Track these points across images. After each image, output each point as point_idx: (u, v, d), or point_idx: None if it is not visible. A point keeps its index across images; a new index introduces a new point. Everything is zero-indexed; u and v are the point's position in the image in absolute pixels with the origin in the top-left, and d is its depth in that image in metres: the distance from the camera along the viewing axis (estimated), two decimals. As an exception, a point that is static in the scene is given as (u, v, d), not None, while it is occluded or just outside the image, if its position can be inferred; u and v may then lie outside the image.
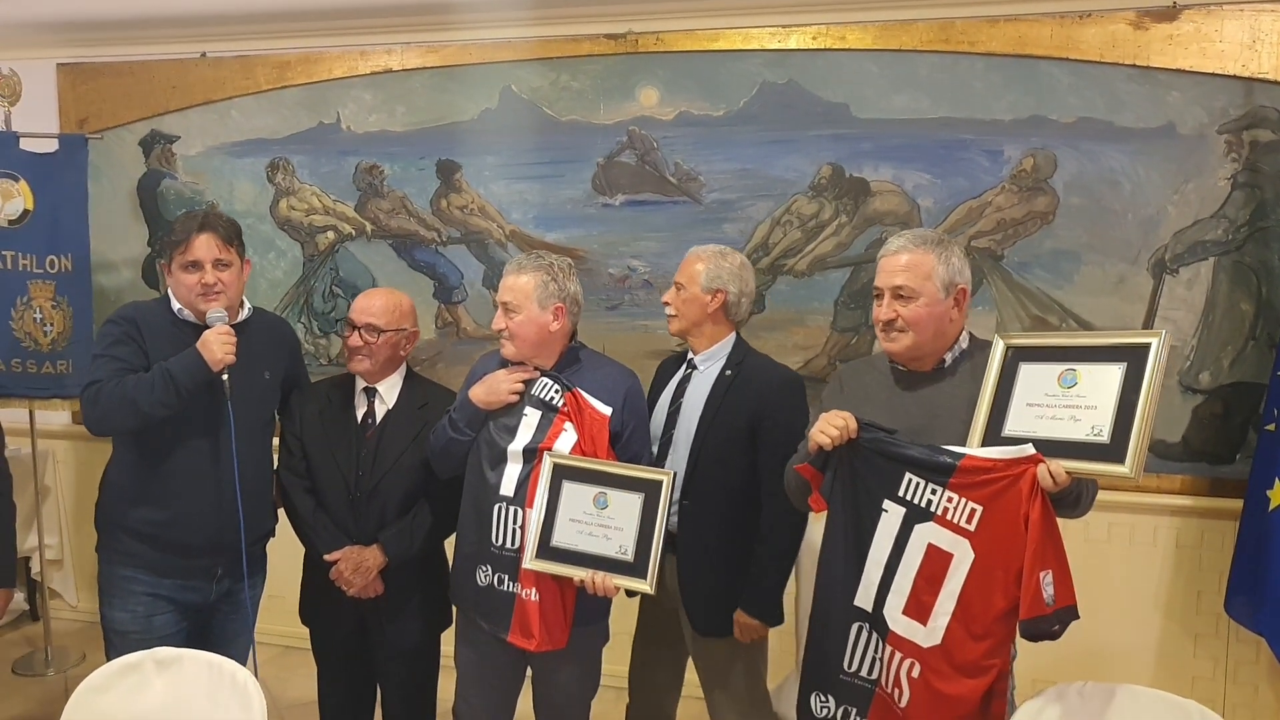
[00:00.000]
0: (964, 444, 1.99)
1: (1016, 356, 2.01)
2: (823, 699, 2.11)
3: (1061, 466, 1.84)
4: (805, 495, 2.13)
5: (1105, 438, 1.84)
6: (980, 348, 2.14)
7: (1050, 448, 1.88)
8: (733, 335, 2.62)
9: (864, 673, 2.05)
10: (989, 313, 3.43)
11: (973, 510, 1.91)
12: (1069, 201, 3.37)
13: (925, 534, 1.96)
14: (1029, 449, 1.88)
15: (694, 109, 3.66)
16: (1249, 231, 3.25)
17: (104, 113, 4.26)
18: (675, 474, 2.29)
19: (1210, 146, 3.24)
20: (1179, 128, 3.26)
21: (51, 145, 3.99)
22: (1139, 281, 3.35)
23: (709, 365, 2.60)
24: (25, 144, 3.92)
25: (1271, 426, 3.10)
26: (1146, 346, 1.85)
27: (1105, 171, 3.33)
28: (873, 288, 2.18)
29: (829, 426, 2.03)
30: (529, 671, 2.57)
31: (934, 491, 1.95)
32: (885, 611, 2.00)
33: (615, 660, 3.13)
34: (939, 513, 1.95)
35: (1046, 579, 1.83)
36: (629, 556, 2.26)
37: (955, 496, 1.93)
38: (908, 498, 1.99)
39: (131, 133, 4.25)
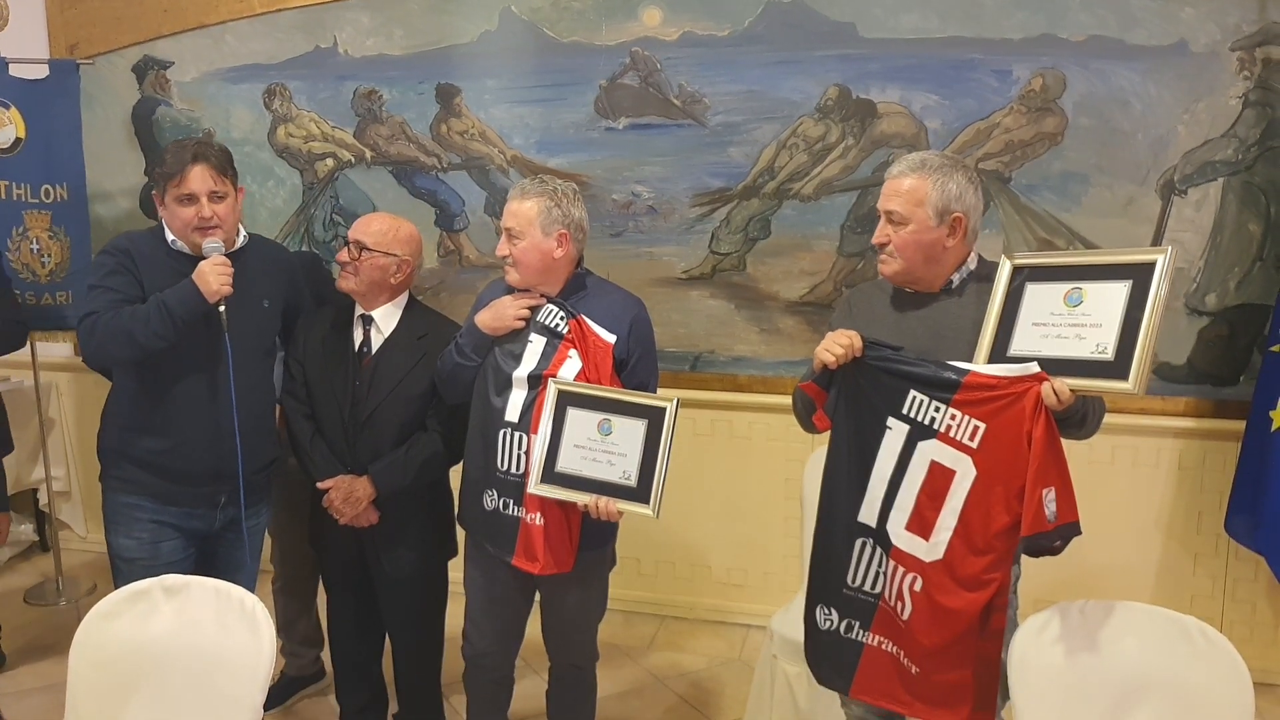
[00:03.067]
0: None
1: (1023, 276, 2.00)
2: (827, 612, 2.15)
3: (1065, 384, 1.85)
4: (810, 413, 2.14)
5: (1109, 355, 1.84)
6: (989, 269, 2.12)
7: (1055, 366, 1.88)
8: None
9: (867, 587, 2.09)
10: (995, 235, 3.40)
11: (975, 428, 1.92)
12: (1078, 122, 3.32)
13: (928, 451, 1.98)
14: (1033, 367, 1.88)
15: (698, 29, 3.58)
16: (1259, 151, 3.21)
17: (94, 37, 4.18)
18: (678, 400, 2.29)
19: (1222, 64, 3.19)
20: (1191, 45, 3.19)
21: (42, 71, 3.92)
22: (1147, 203, 3.32)
23: None
24: (14, 70, 3.85)
25: (1277, 348, 3.11)
26: (1152, 264, 1.84)
27: (1115, 91, 3.28)
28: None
29: (834, 345, 2.03)
30: (537, 596, 2.60)
31: (937, 409, 1.96)
32: (888, 527, 2.03)
33: (622, 585, 3.19)
34: (942, 430, 1.96)
35: (1049, 496, 1.84)
36: (632, 482, 2.27)
37: (958, 414, 1.94)
38: (911, 415, 2.00)
39: (124, 58, 4.18)
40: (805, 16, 3.47)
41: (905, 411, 2.01)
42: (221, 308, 2.41)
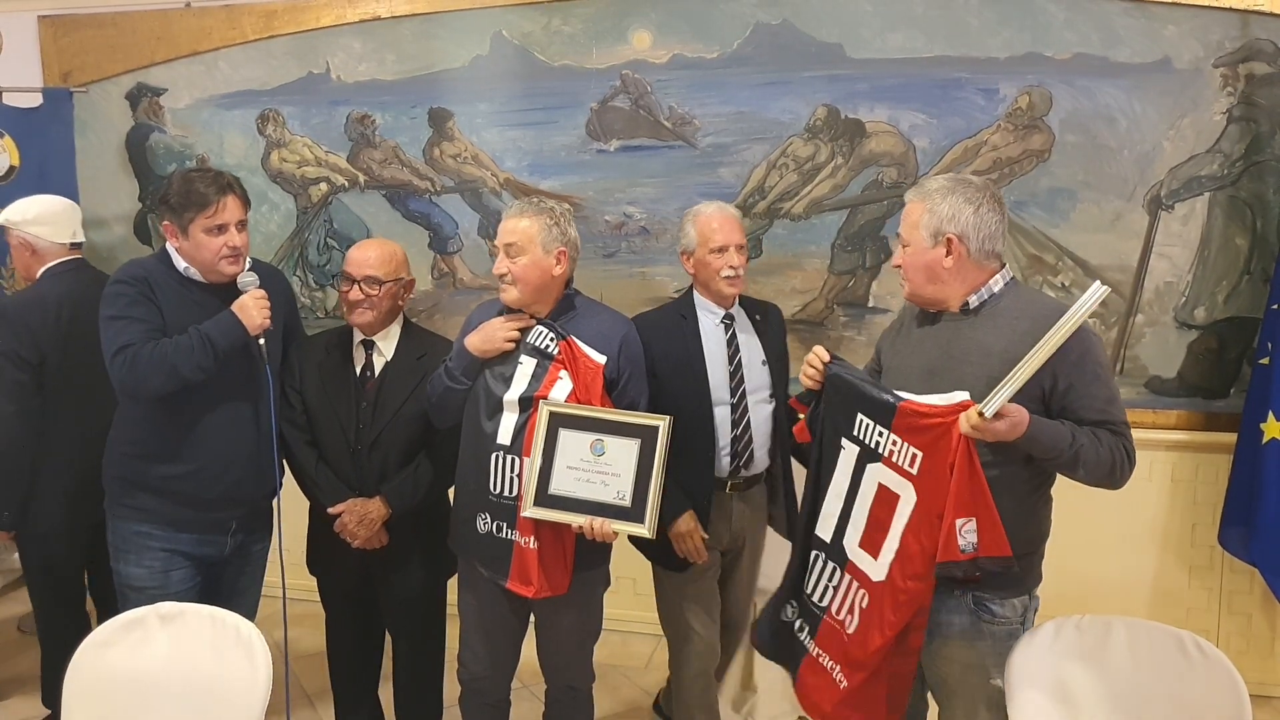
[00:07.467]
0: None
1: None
2: (793, 605, 2.26)
3: (973, 414, 1.84)
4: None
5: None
6: (1013, 292, 2.09)
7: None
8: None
9: (817, 598, 2.16)
10: (985, 253, 3.42)
11: (914, 455, 1.95)
12: (1065, 139, 3.35)
13: (876, 474, 2.03)
14: (961, 395, 1.89)
15: (687, 51, 3.61)
16: (1244, 166, 3.24)
17: (88, 66, 4.20)
18: (670, 419, 2.30)
19: (1206, 80, 3.22)
20: (1175, 62, 3.23)
21: (36, 100, 3.95)
22: (1135, 218, 3.35)
23: (739, 316, 2.82)
24: (8, 99, 3.89)
25: (1265, 360, 3.13)
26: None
27: (1101, 108, 3.31)
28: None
29: (807, 366, 2.18)
30: (532, 618, 2.60)
31: (880, 434, 2.01)
32: (844, 543, 2.09)
33: (617, 605, 3.18)
34: (886, 455, 2.00)
35: (966, 526, 1.85)
36: (626, 502, 2.27)
37: (899, 440, 1.97)
38: (860, 438, 2.06)
39: (117, 86, 4.20)
40: (793, 38, 3.51)
41: (855, 433, 2.07)
42: (261, 340, 2.43)
